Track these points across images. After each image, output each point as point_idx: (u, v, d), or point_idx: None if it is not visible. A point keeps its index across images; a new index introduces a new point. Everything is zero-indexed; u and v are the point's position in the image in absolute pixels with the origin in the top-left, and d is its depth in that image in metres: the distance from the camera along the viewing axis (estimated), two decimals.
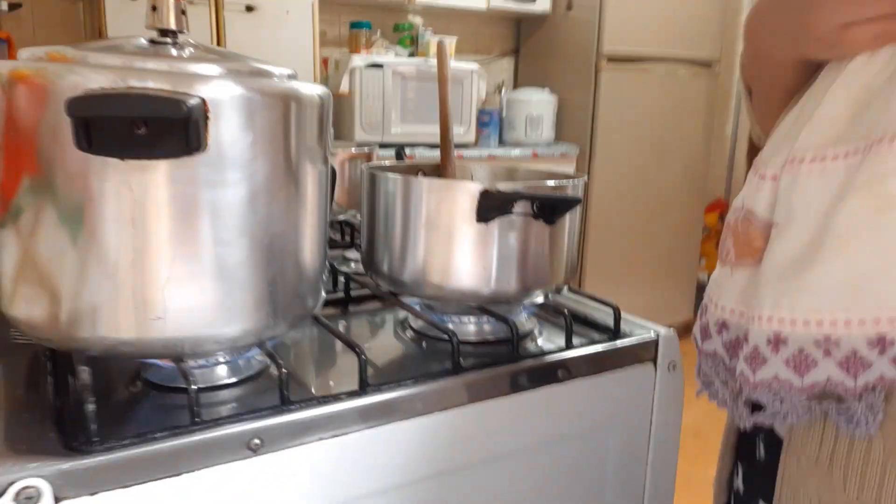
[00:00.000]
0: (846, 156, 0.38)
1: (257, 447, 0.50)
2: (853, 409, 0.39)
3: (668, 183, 2.97)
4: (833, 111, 0.40)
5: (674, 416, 0.69)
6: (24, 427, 0.48)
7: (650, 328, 0.70)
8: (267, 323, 0.54)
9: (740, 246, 0.45)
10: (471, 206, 0.59)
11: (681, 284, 3.13)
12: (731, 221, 0.46)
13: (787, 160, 0.42)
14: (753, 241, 0.43)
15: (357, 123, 2.42)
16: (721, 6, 2.96)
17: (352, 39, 2.63)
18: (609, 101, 2.76)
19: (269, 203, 0.52)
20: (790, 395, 0.40)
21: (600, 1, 2.68)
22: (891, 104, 0.37)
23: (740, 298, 0.44)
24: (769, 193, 0.43)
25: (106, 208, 0.46)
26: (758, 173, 0.44)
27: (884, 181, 0.36)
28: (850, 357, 0.38)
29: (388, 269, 0.66)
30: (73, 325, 0.49)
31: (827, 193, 0.39)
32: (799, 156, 0.41)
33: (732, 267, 0.45)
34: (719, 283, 0.47)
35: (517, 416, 0.61)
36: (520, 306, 0.70)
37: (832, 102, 0.40)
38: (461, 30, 3.05)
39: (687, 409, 0.71)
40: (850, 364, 0.38)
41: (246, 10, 2.21)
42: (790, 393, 0.40)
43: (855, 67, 0.40)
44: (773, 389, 0.41)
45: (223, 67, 0.50)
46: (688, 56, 2.89)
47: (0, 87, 0.47)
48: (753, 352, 0.41)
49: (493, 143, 2.78)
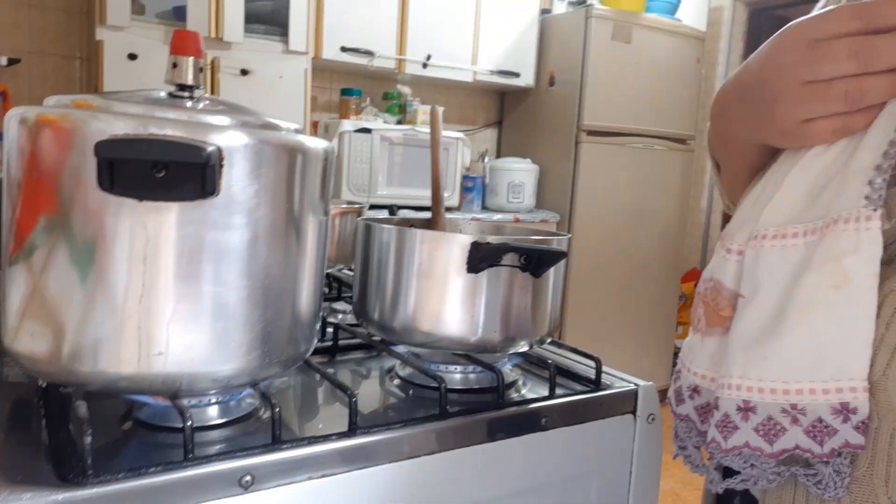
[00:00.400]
0: (805, 234, 0.41)
1: (248, 484, 0.51)
2: (821, 474, 0.40)
3: (645, 252, 3.05)
4: (793, 193, 0.43)
5: (653, 467, 0.71)
6: (18, 459, 0.49)
7: (630, 381, 0.73)
8: (261, 364, 0.56)
9: (710, 315, 0.47)
10: (461, 257, 0.63)
11: (657, 351, 3.16)
12: (702, 291, 0.49)
13: (750, 236, 0.44)
14: (722, 311, 0.46)
15: (345, 184, 2.48)
16: (695, 87, 3.13)
17: (342, 105, 2.72)
18: (588, 172, 2.87)
19: (271, 248, 0.55)
20: (760, 460, 0.42)
21: (581, 78, 2.82)
22: (844, 189, 0.40)
23: (710, 364, 0.47)
24: (735, 266, 0.45)
25: (119, 246, 0.49)
26: (724, 247, 0.47)
27: (839, 259, 0.39)
28: (816, 424, 0.39)
29: (380, 317, 0.69)
30: (75, 360, 0.50)
31: (788, 268, 0.41)
32: (762, 232, 0.43)
33: (703, 334, 0.48)
34: (691, 348, 0.49)
35: (501, 463, 0.63)
36: (505, 356, 0.73)
37: (791, 185, 0.43)
38: (447, 101, 3.17)
39: (665, 475, 0.73)
40: (816, 431, 0.40)
41: (241, 73, 2.30)
42: (760, 459, 0.42)
43: (813, 154, 0.43)
44: (744, 456, 0.42)
45: (236, 119, 0.54)
46: (664, 132, 3.03)
47: (26, 130, 0.50)
48: (724, 419, 0.43)
49: (476, 207, 2.85)
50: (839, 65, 0.39)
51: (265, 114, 0.58)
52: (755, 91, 0.45)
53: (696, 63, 3.09)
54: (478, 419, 0.62)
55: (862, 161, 0.40)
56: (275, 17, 2.37)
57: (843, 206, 0.40)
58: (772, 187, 0.45)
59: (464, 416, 0.62)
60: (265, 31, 2.35)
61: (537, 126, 3.08)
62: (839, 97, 0.40)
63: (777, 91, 0.42)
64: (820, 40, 0.40)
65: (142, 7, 2.21)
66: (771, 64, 0.43)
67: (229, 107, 0.57)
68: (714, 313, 0.47)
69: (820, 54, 0.40)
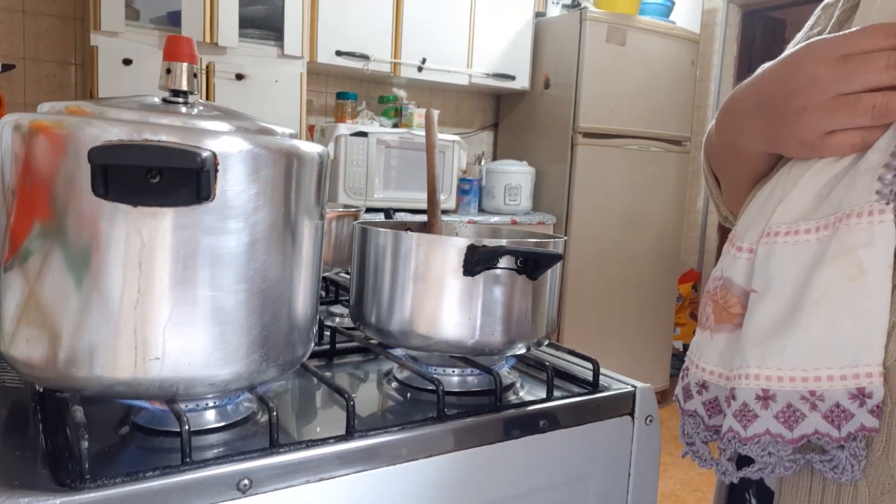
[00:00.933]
0: (817, 230, 0.43)
1: (246, 488, 0.51)
2: (837, 459, 0.42)
3: (641, 253, 3.06)
4: (804, 193, 0.45)
5: (651, 468, 0.71)
6: (15, 464, 0.49)
7: (627, 382, 0.73)
8: (259, 368, 0.56)
9: (719, 312, 0.49)
10: (458, 260, 0.63)
11: (654, 353, 3.17)
12: (711, 290, 0.51)
13: (762, 234, 0.46)
14: (731, 308, 0.48)
15: (341, 188, 2.48)
16: (690, 88, 3.14)
17: (338, 109, 2.73)
18: (584, 174, 2.87)
19: (267, 252, 0.55)
20: (778, 448, 0.43)
21: (576, 80, 2.83)
22: (854, 186, 0.42)
23: (720, 361, 0.48)
24: (745, 264, 0.47)
25: (114, 252, 0.49)
26: (734, 246, 0.49)
27: (854, 252, 0.41)
28: (834, 409, 0.41)
29: (376, 320, 0.69)
30: (71, 365, 0.50)
31: (802, 263, 0.43)
32: (774, 230, 0.45)
33: (712, 331, 0.49)
34: (700, 346, 0.51)
35: (499, 465, 0.63)
36: (502, 358, 0.73)
37: (804, 186, 0.45)
38: (443, 104, 3.18)
39: (663, 476, 0.73)
40: (833, 416, 0.41)
41: (236, 78, 2.30)
42: (778, 446, 0.43)
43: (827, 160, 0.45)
44: (762, 444, 0.44)
45: (231, 125, 0.54)
46: (659, 133, 3.04)
47: (20, 136, 0.50)
48: (742, 408, 0.44)
49: (472, 209, 2.85)
50: (878, 76, 0.41)
51: (260, 118, 0.58)
52: (780, 102, 0.46)
53: (690, 65, 3.10)
54: (475, 422, 0.62)
55: (871, 161, 0.42)
56: (269, 21, 2.37)
57: (855, 202, 0.42)
58: (781, 190, 0.47)
59: (461, 418, 0.62)
60: (260, 36, 2.36)
61: (533, 128, 3.08)
62: (867, 111, 0.42)
63: (806, 102, 0.44)
64: (852, 56, 0.42)
65: (136, 12, 2.21)
66: (801, 76, 0.44)
67: (224, 112, 0.57)
68: (723, 310, 0.48)
69: (854, 68, 0.42)
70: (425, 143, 0.78)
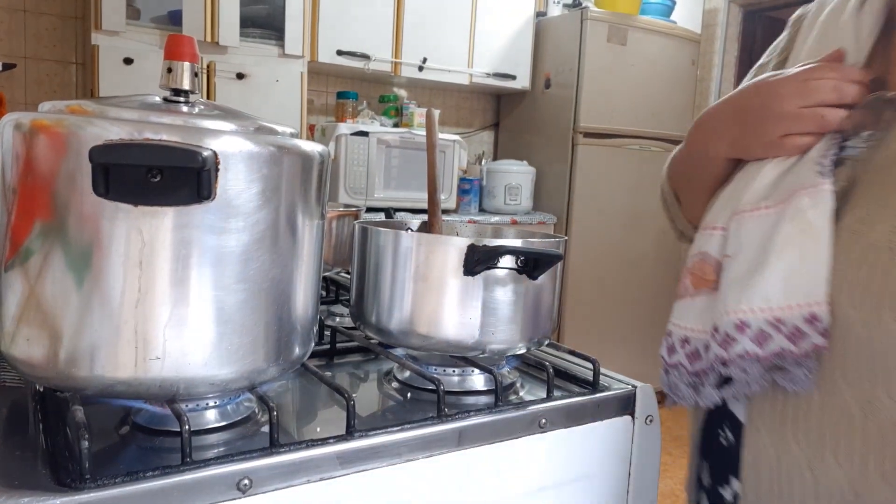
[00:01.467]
0: (776, 205, 0.56)
1: (246, 488, 0.50)
2: (795, 374, 0.53)
3: (642, 253, 3.06)
4: (763, 183, 0.58)
5: (651, 467, 0.71)
6: (15, 464, 0.49)
7: (627, 382, 0.73)
8: (259, 367, 0.56)
9: (697, 280, 0.60)
10: (458, 260, 0.63)
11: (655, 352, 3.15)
12: (689, 265, 0.62)
13: (732, 213, 0.58)
14: (707, 276, 0.59)
15: (342, 187, 2.48)
16: (691, 88, 3.14)
17: (338, 108, 2.73)
18: (585, 174, 2.87)
19: (268, 252, 0.55)
20: (753, 365, 0.54)
21: (577, 80, 2.82)
22: (801, 172, 0.56)
23: (699, 319, 0.59)
24: (719, 239, 0.59)
25: (115, 251, 0.49)
26: (707, 227, 0.61)
27: (804, 212, 0.54)
28: (794, 331, 0.52)
29: (377, 320, 0.69)
30: (72, 364, 0.50)
31: (765, 228, 0.55)
32: (742, 209, 0.58)
33: (692, 296, 0.60)
34: (679, 310, 0.62)
35: (500, 465, 0.63)
36: (502, 358, 0.73)
37: (763, 178, 0.58)
38: (444, 103, 3.18)
39: (664, 476, 0.74)
40: (794, 336, 0.52)
41: (237, 77, 2.30)
42: (753, 364, 0.54)
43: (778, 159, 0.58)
44: (740, 364, 0.54)
45: (232, 124, 0.54)
46: (660, 133, 3.04)
47: (21, 135, 0.50)
48: (725, 337, 0.55)
49: (473, 209, 2.85)
50: (828, 95, 0.56)
51: (261, 118, 0.58)
52: (755, 111, 0.60)
53: (691, 65, 3.10)
54: (476, 422, 0.62)
55: (813, 156, 0.56)
56: (270, 21, 2.38)
57: (803, 182, 0.55)
58: (744, 184, 0.59)
59: (462, 418, 0.62)
60: (261, 35, 2.36)
61: (534, 128, 3.08)
62: (816, 120, 0.57)
63: (772, 112, 0.59)
64: (810, 80, 0.57)
65: (137, 11, 2.21)
66: (772, 93, 0.59)
67: (225, 111, 0.57)
68: (700, 279, 0.60)
69: (811, 88, 0.57)
70: (426, 142, 0.78)
